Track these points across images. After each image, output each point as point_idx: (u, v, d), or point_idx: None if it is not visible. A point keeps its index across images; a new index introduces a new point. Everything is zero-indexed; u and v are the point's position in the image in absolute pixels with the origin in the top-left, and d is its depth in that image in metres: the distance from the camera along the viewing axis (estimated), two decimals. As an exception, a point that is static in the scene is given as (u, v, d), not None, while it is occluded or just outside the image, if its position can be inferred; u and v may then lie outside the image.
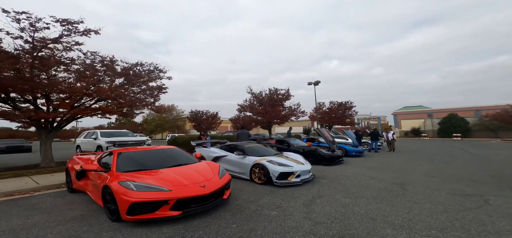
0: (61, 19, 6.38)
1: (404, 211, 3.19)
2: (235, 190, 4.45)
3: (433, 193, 4.13)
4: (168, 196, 2.65)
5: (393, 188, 4.51)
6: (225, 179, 3.52)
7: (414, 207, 3.35)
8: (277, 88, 17.51)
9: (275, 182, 4.68)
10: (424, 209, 3.28)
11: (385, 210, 3.24)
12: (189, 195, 2.78)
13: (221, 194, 3.32)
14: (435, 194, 4.03)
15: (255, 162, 5.13)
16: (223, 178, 3.52)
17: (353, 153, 9.97)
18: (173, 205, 2.66)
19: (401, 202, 3.59)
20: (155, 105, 10.63)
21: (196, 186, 2.95)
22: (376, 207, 3.37)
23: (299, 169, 4.96)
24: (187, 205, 2.78)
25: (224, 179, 3.50)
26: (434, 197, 3.88)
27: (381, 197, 3.87)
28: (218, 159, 6.10)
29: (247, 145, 6.11)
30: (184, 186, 2.90)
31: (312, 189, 4.48)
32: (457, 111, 36.97)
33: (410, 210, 3.24)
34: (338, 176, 5.74)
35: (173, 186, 2.83)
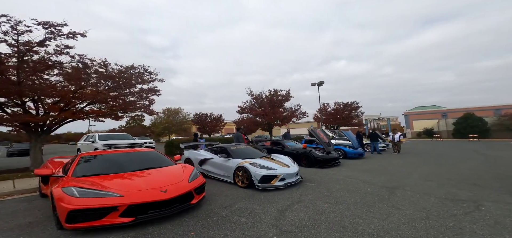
0: (43, 22, 6.51)
1: (381, 218, 2.94)
2: (214, 194, 4.36)
3: (423, 198, 3.81)
4: (118, 202, 2.56)
5: (380, 192, 4.22)
6: (195, 183, 3.43)
7: (393, 214, 3.09)
8: (277, 89, 17.35)
9: (257, 185, 4.54)
10: (403, 216, 3.02)
11: (361, 217, 3.00)
12: (144, 201, 2.69)
13: (188, 199, 3.23)
14: (424, 199, 3.72)
15: (239, 164, 5.01)
16: (193, 182, 3.43)
17: (353, 155, 9.58)
18: (124, 211, 2.57)
19: (382, 208, 3.33)
20: (149, 108, 10.85)
21: (156, 191, 2.87)
22: (353, 213, 3.14)
23: (284, 172, 4.78)
24: (143, 211, 2.70)
25: (194, 183, 3.41)
26: (421, 202, 3.57)
27: (363, 203, 3.62)
28: (204, 162, 6.05)
29: (234, 147, 6.01)
30: (141, 190, 2.83)
31: (294, 193, 4.29)
32: (474, 110, 34.82)
33: (388, 216, 2.99)
34: (328, 179, 5.48)
35: (127, 191, 2.76)
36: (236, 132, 8.87)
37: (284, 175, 4.73)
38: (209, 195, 4.24)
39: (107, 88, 8.31)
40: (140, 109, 10.67)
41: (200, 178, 3.67)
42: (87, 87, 7.58)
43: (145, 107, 10.74)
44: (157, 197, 2.80)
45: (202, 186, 3.59)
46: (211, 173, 5.74)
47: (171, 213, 2.95)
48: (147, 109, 10.65)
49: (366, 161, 9.01)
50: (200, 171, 6.09)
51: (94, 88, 7.79)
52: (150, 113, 10.48)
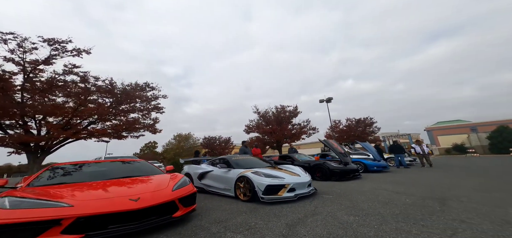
0: (48, 38, 6.72)
1: (445, 234, 1.99)
2: (209, 208, 3.58)
3: (494, 210, 2.75)
4: (62, 214, 1.91)
5: (426, 204, 3.19)
6: (181, 192, 2.73)
7: (461, 228, 2.12)
8: (283, 106, 16.83)
9: (261, 197, 3.70)
10: (479, 231, 2.03)
11: (410, 232, 2.07)
12: (103, 211, 2.02)
13: (170, 211, 2.52)
14: (499, 211, 2.66)
15: (240, 174, 4.25)
16: (179, 190, 2.74)
17: (375, 168, 8.31)
18: (69, 226, 1.90)
19: (438, 221, 2.37)
20: (153, 127, 10.65)
21: (123, 199, 2.21)
22: (395, 227, 2.22)
23: (293, 181, 3.93)
24: (101, 226, 2.01)
25: (179, 192, 2.71)
26: (497, 214, 2.53)
27: (406, 215, 2.65)
28: (203, 176, 5.34)
29: (235, 157, 5.30)
30: (103, 199, 2.18)
31: (308, 205, 3.39)
32: (508, 123, 31.26)
33: (455, 232, 2.03)
34: (350, 191, 4.47)
35: (82, 200, 2.12)
36: (242, 146, 8.13)
37: (294, 185, 3.87)
38: (204, 210, 3.47)
39: (108, 105, 8.27)
40: (144, 129, 10.52)
41: (189, 187, 2.97)
42: (87, 103, 7.53)
43: (149, 127, 10.59)
44: (123, 206, 2.12)
45: (191, 196, 2.88)
46: (211, 188, 4.98)
47: (143, 228, 2.21)
48: (152, 128, 10.47)
49: (391, 174, 7.70)
50: (199, 186, 5.35)
51: (94, 105, 7.72)
52: (154, 131, 10.24)
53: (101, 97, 8.04)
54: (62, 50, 7.10)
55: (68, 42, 7.15)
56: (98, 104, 7.53)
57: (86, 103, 7.45)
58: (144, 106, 10.23)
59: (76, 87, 7.28)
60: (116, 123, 9.16)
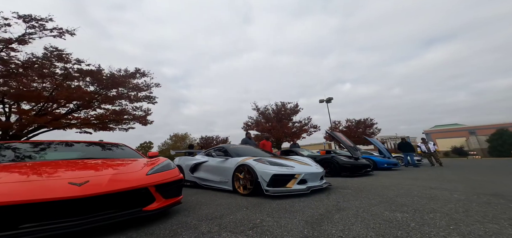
0: (24, 15, 5.94)
1: None
2: (200, 203, 2.82)
3: None
4: None
5: (490, 201, 2.47)
6: (158, 178, 1.95)
7: None
8: (284, 102, 16.14)
9: (265, 190, 2.95)
10: None
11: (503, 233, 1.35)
12: (17, 200, 1.25)
13: (141, 202, 1.76)
14: None
15: (239, 163, 3.50)
16: (156, 175, 1.96)
17: (385, 165, 7.63)
18: None
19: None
20: (145, 119, 9.83)
21: (61, 183, 1.45)
22: (484, 229, 1.49)
23: (305, 170, 3.19)
24: (11, 223, 1.24)
25: (155, 178, 1.93)
26: None
27: (477, 211, 1.93)
28: (196, 167, 4.56)
29: (234, 146, 4.54)
30: (26, 183, 1.40)
31: (325, 200, 2.65)
32: (507, 126, 31.15)
33: None
34: (368, 186, 3.74)
35: None
36: (244, 138, 7.18)
37: (306, 175, 3.13)
38: (193, 205, 2.71)
39: (92, 90, 7.41)
40: (133, 120, 9.68)
41: (171, 172, 2.19)
42: (64, 86, 6.64)
43: (140, 118, 9.76)
44: (57, 193, 1.36)
45: (173, 185, 2.11)
46: (205, 181, 4.20)
47: (88, 226, 1.42)
48: (142, 119, 9.65)
49: (405, 172, 7.02)
50: (192, 180, 4.57)
51: (73, 88, 6.83)
52: (144, 123, 9.41)
53: (84, 82, 7.19)
54: (40, 28, 6.28)
55: (48, 20, 6.34)
56: (78, 88, 6.66)
57: (63, 85, 6.57)
58: (135, 96, 9.41)
59: (52, 66, 6.41)
60: (101, 112, 8.31)
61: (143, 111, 9.95)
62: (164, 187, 1.98)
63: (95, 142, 3.22)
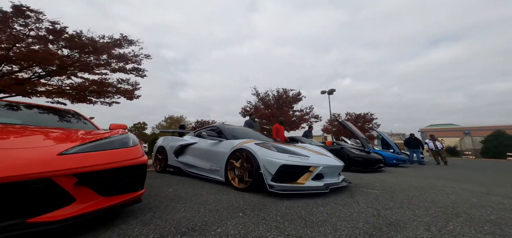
0: None
1: None
2: (177, 199, 2.04)
3: None
4: None
5: None
6: (81, 162, 1.08)
7: None
8: (286, 89, 15.20)
9: (269, 185, 2.18)
10: None
11: None
12: None
13: (47, 203, 0.93)
14: None
15: (236, 146, 2.69)
16: (76, 157, 1.09)
17: (394, 161, 7.02)
18: None
19: None
20: (132, 94, 8.81)
21: None
22: None
23: (323, 162, 2.41)
24: None
25: (74, 161, 1.06)
26: None
27: None
28: (182, 150, 3.75)
29: (231, 126, 3.72)
30: None
31: (354, 204, 1.90)
32: (502, 128, 31.40)
33: None
34: (394, 185, 3.03)
35: None
36: (247, 120, 6.25)
37: (324, 168, 2.35)
38: (165, 201, 1.92)
39: (65, 54, 6.27)
40: (119, 95, 8.65)
41: (120, 154, 1.31)
42: (24, 43, 5.46)
43: (125, 92, 8.73)
44: None
45: (121, 173, 1.25)
46: (192, 168, 3.41)
47: None
48: (128, 94, 8.62)
49: (417, 169, 6.42)
50: (176, 166, 3.78)
51: (39, 48, 5.65)
52: (130, 97, 8.42)
53: (57, 45, 6.04)
54: None
55: None
56: (45, 50, 5.53)
57: (22, 42, 5.41)
58: (120, 67, 8.29)
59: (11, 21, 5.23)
60: (79, 81, 7.24)
61: (130, 84, 8.90)
62: (100, 177, 1.14)
63: (32, 104, 2.33)
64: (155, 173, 3.94)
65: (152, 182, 2.88)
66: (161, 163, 4.07)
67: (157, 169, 4.10)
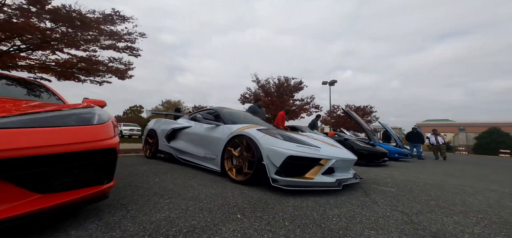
0: None
1: None
2: (162, 193, 1.71)
3: None
4: None
5: None
6: (19, 140, 0.73)
7: None
8: (288, 77, 14.66)
9: (273, 179, 1.86)
10: None
11: None
12: None
13: None
14: None
15: (235, 132, 2.33)
16: (19, 135, 0.73)
17: (396, 155, 6.82)
18: None
19: None
20: (125, 73, 8.26)
21: None
22: None
23: (336, 154, 2.08)
24: None
25: (15, 139, 0.71)
26: None
27: None
28: (175, 134, 3.39)
29: (229, 110, 3.34)
30: None
31: (373, 205, 1.60)
32: (494, 125, 31.79)
33: None
34: (406, 182, 2.75)
35: None
36: (252, 105, 5.77)
37: (337, 161, 2.02)
38: (147, 194, 1.59)
39: (46, 28, 5.63)
40: (111, 74, 8.09)
41: (85, 131, 0.95)
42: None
43: (119, 72, 8.17)
44: None
45: (75, 159, 0.89)
46: (184, 155, 3.07)
47: None
48: (120, 73, 8.07)
49: (417, 164, 6.24)
50: (167, 152, 3.43)
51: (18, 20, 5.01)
52: (122, 77, 7.89)
53: (41, 19, 5.38)
54: None
55: None
56: (24, 22, 4.88)
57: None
58: (112, 44, 7.67)
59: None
60: (65, 57, 6.65)
61: (123, 64, 8.32)
62: (35, 165, 0.77)
63: (17, 78, 1.90)
64: (144, 158, 3.60)
65: (137, 169, 2.54)
66: (151, 147, 3.72)
67: (147, 154, 3.75)
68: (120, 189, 1.68)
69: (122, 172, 2.30)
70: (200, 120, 2.88)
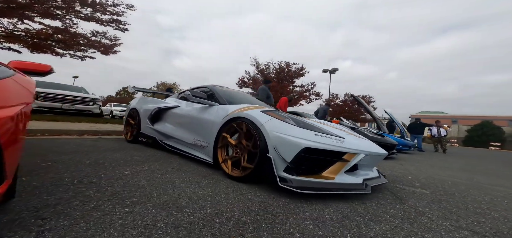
0: None
1: None
2: (130, 194, 1.19)
3: None
4: None
5: None
6: None
7: None
8: (289, 62, 13.88)
9: (281, 177, 1.38)
10: None
11: None
12: None
13: None
14: None
15: (232, 114, 1.82)
16: None
17: (400, 147, 6.50)
18: None
19: None
20: (112, 49, 7.43)
21: None
22: None
23: (364, 148, 1.57)
24: None
25: None
26: None
27: None
28: (159, 115, 2.85)
29: (226, 88, 2.78)
30: None
31: (426, 219, 1.15)
32: (486, 119, 32.39)
33: None
34: (438, 180, 2.36)
35: None
36: (263, 85, 5.05)
37: (365, 156, 1.54)
38: (101, 196, 1.07)
39: None
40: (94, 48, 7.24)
41: None
42: None
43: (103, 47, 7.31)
44: None
45: None
46: (169, 140, 2.56)
47: None
48: (107, 50, 7.23)
49: (424, 156, 5.97)
50: (150, 135, 2.91)
51: None
52: (106, 52, 7.07)
53: None
54: None
55: None
56: None
57: None
58: (94, 16, 6.74)
59: None
60: (38, 27, 5.78)
61: (108, 39, 7.43)
62: None
63: None
64: (125, 143, 3.07)
65: (106, 157, 2.02)
66: (132, 130, 3.17)
67: (128, 138, 3.22)
68: (60, 187, 1.17)
69: (84, 160, 1.79)
70: (190, 98, 2.32)
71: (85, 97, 6.98)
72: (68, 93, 6.61)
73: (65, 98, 6.46)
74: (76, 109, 6.64)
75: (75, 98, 6.68)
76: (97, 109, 7.19)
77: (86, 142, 2.80)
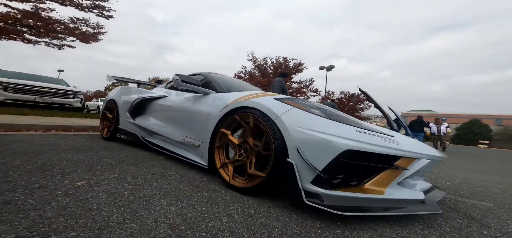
0: None
1: None
2: (76, 214, 0.68)
3: None
4: None
5: None
6: None
7: None
8: (287, 58, 13.43)
9: (307, 191, 0.94)
10: None
11: None
12: None
13: None
14: None
15: (233, 105, 1.35)
16: None
17: (404, 145, 6.24)
18: None
19: None
20: (96, 37, 6.72)
21: None
22: None
23: (423, 151, 1.10)
24: None
25: None
26: None
27: None
28: (142, 106, 2.34)
29: (223, 75, 2.30)
30: None
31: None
32: (474, 118, 33.47)
33: None
34: (479, 186, 2.00)
35: None
36: (279, 78, 4.30)
37: (427, 163, 1.09)
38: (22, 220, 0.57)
39: None
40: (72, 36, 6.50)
41: None
42: None
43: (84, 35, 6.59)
44: None
45: None
46: (153, 137, 2.06)
47: None
48: (88, 38, 6.51)
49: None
50: (131, 132, 2.39)
51: None
52: (87, 40, 6.37)
53: None
54: None
55: None
56: None
57: None
58: (76, 1, 6.01)
59: None
60: (5, 10, 5.05)
61: (90, 27, 6.70)
62: None
63: None
64: (100, 141, 2.53)
65: (69, 157, 1.50)
66: (110, 125, 2.63)
67: (104, 134, 2.67)
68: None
69: (26, 164, 1.27)
70: (179, 84, 1.82)
71: (63, 89, 6.25)
72: (43, 84, 5.88)
73: (39, 90, 5.74)
74: (53, 102, 5.94)
75: (51, 91, 5.95)
76: (78, 103, 6.50)
77: (47, 139, 2.25)
